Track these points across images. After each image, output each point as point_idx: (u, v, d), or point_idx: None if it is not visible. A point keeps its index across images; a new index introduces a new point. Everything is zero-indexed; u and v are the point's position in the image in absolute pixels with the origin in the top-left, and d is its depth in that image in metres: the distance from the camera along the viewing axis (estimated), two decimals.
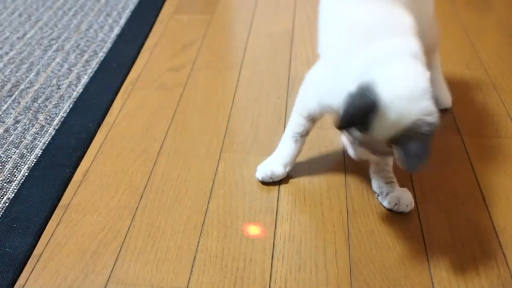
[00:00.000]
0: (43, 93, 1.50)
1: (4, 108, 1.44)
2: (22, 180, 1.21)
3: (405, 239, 1.05)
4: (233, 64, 1.62)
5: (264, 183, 1.18)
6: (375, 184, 1.15)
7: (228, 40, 1.77)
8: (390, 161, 1.15)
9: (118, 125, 1.38)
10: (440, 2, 1.94)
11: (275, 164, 1.18)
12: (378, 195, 1.14)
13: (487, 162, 1.23)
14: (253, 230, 1.08)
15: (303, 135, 1.17)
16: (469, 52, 1.66)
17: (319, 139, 1.31)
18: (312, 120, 1.15)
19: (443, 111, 1.39)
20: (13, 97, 1.48)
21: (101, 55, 1.67)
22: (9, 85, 1.53)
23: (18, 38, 1.76)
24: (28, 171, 1.23)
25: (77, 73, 1.58)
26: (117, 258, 1.03)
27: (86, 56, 1.66)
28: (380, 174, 1.14)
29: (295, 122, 1.17)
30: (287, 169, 1.19)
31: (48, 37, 1.77)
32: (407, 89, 0.93)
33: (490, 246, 1.04)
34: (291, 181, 1.19)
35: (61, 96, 1.48)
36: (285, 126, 1.36)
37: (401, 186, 1.16)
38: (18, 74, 1.58)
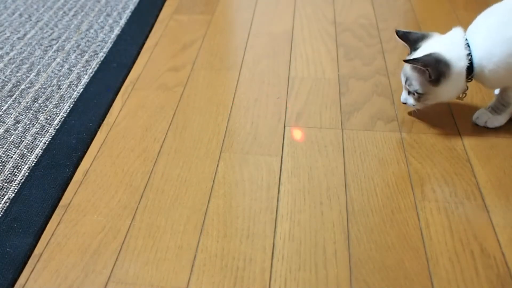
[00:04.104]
0: (44, 93, 1.50)
1: (4, 108, 1.44)
2: (23, 180, 1.21)
3: (405, 239, 1.05)
4: (233, 64, 1.62)
5: None
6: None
7: (228, 40, 1.77)
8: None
9: (118, 125, 1.38)
10: (440, 2, 1.94)
11: None
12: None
13: (487, 162, 1.23)
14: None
15: None
16: None
17: (319, 139, 1.31)
18: None
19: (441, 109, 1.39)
20: (13, 97, 1.48)
21: (102, 55, 1.67)
22: (9, 85, 1.53)
23: (18, 38, 1.77)
24: (28, 171, 1.23)
25: (78, 73, 1.58)
26: (117, 258, 1.03)
27: (86, 56, 1.67)
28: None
29: None
30: None
31: (48, 37, 1.77)
32: None
33: (489, 246, 1.04)
34: (291, 181, 1.20)
35: (62, 96, 1.49)
36: (285, 126, 1.36)
37: (401, 186, 1.16)
38: (18, 74, 1.58)
